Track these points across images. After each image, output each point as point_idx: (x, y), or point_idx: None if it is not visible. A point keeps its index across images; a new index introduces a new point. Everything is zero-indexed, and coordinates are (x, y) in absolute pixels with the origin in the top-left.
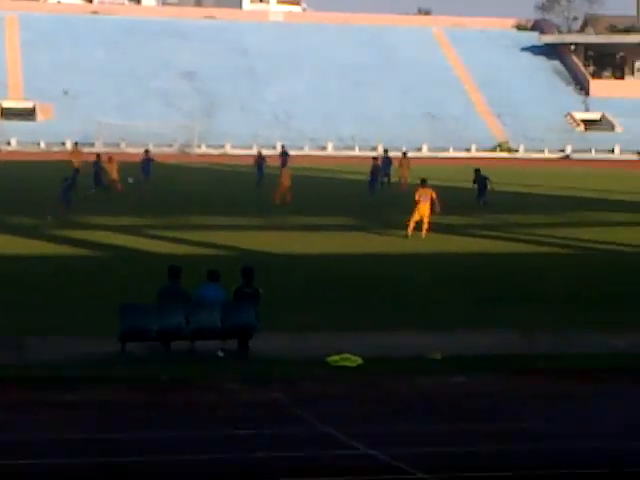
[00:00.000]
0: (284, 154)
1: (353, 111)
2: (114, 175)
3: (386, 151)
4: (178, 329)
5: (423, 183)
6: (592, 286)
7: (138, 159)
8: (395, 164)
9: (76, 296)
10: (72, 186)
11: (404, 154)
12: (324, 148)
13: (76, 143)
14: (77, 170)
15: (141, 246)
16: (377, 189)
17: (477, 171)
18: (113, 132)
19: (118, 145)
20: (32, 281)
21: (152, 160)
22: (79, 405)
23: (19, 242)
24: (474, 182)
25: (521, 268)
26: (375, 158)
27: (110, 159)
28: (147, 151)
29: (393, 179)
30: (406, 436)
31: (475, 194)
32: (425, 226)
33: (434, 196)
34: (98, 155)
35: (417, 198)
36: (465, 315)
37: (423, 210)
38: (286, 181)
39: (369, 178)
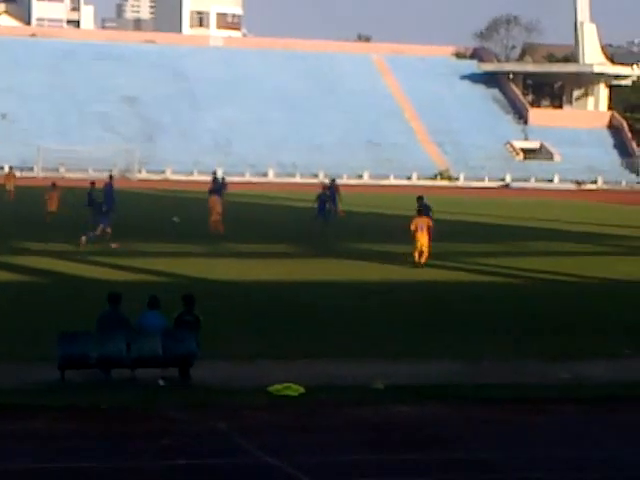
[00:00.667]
0: (216, 180)
1: (294, 138)
2: (53, 206)
3: (333, 180)
4: (119, 357)
5: (420, 213)
6: (533, 315)
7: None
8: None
9: (14, 323)
10: None
11: (333, 180)
12: (265, 175)
13: (10, 167)
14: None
15: (80, 272)
16: (325, 216)
17: (420, 198)
18: (52, 157)
19: (57, 170)
20: None
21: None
22: (15, 434)
23: None
24: (418, 210)
25: (463, 296)
26: (324, 186)
27: (54, 186)
28: (111, 177)
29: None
30: (348, 466)
31: None
32: (425, 254)
33: (431, 224)
34: (93, 182)
35: (413, 228)
36: (407, 343)
37: (422, 239)
38: (217, 209)
39: (317, 206)
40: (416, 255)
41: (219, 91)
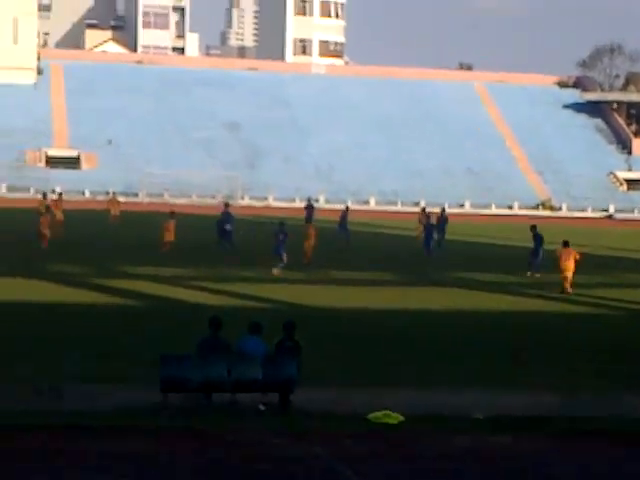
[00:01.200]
0: (308, 207)
1: (395, 165)
2: (171, 237)
3: (443, 209)
4: (220, 381)
5: (566, 245)
6: (634, 348)
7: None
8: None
9: (118, 345)
10: None
11: (442, 210)
12: (366, 202)
13: (114, 192)
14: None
15: (182, 297)
16: (432, 247)
17: (533, 227)
18: (156, 182)
19: (162, 195)
20: (74, 330)
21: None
22: (117, 455)
23: (64, 291)
24: (534, 239)
25: (574, 328)
26: (428, 215)
27: (172, 214)
28: (227, 204)
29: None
30: None
31: (530, 251)
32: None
33: (577, 257)
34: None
35: (559, 256)
36: (504, 374)
37: (567, 267)
38: (310, 238)
39: (424, 235)
40: (567, 285)
41: (321, 118)
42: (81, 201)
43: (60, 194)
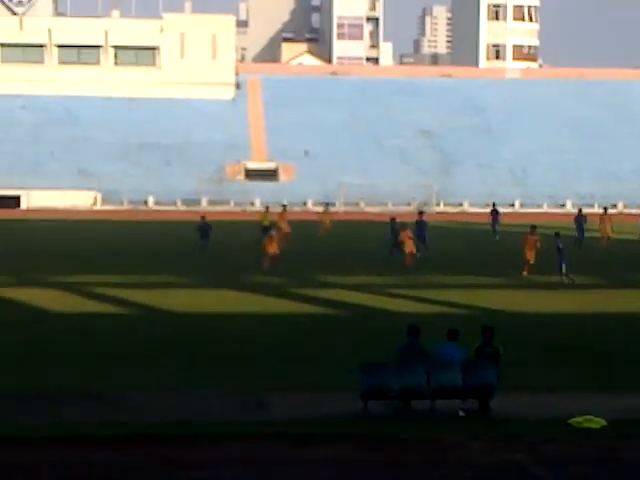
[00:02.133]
0: (495, 212)
1: (591, 167)
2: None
3: (580, 210)
4: (419, 388)
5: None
6: None
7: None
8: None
9: (320, 353)
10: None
11: (605, 209)
12: (563, 205)
13: (327, 204)
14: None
15: (378, 304)
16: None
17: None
18: (352, 191)
19: (357, 204)
20: (268, 338)
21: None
22: (318, 462)
23: (261, 300)
24: None
25: None
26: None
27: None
28: (421, 212)
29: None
30: None
31: None
32: None
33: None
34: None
35: None
36: None
37: None
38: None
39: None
40: None
41: (515, 122)
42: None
43: (284, 206)
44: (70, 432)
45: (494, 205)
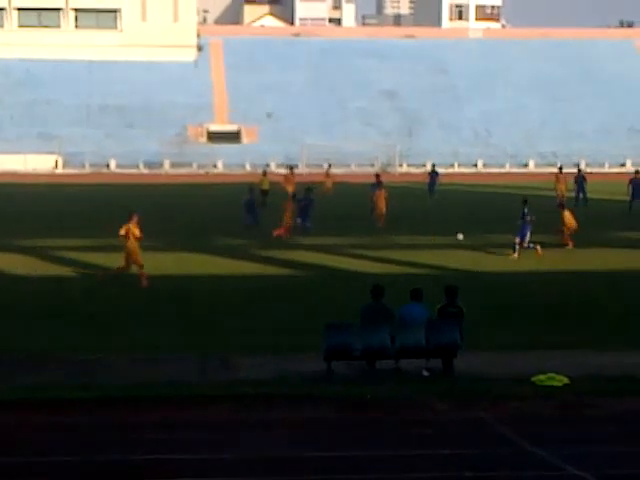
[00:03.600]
0: (432, 174)
1: (554, 127)
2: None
3: (579, 170)
4: (383, 348)
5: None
6: None
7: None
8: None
9: (282, 315)
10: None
11: (560, 169)
12: (525, 165)
13: (329, 165)
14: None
15: (344, 265)
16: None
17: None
18: (315, 153)
19: (321, 165)
20: (237, 300)
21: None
22: (284, 423)
23: (223, 262)
24: None
25: None
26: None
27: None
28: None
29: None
30: (615, 458)
31: None
32: None
33: None
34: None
35: None
36: None
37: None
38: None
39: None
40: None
41: (478, 82)
42: (243, 174)
43: (291, 168)
44: (29, 395)
45: (433, 166)
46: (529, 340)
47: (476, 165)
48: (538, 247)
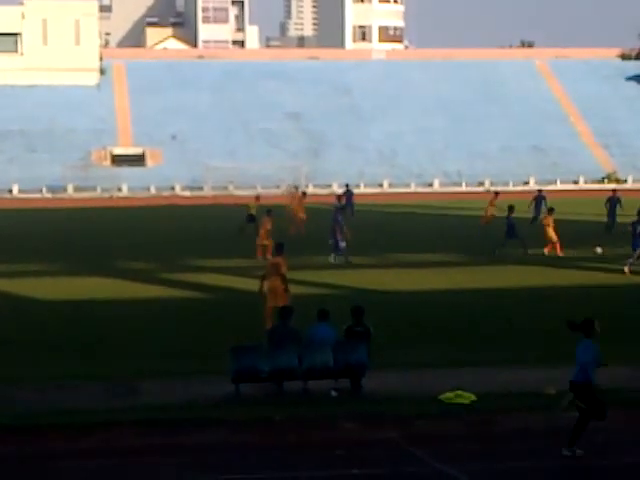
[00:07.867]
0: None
1: (458, 147)
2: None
3: (540, 190)
4: (291, 369)
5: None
6: None
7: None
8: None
9: (188, 338)
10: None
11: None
12: (430, 185)
13: (296, 187)
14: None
15: (248, 287)
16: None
17: (614, 191)
18: (220, 175)
19: (226, 188)
20: (139, 325)
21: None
22: (193, 448)
23: (131, 286)
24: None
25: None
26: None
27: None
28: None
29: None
30: (521, 474)
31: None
32: None
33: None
34: (511, 207)
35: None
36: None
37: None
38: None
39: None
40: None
41: (382, 103)
42: (147, 197)
43: (304, 192)
44: None
45: (347, 186)
46: (436, 358)
47: (382, 185)
48: None
